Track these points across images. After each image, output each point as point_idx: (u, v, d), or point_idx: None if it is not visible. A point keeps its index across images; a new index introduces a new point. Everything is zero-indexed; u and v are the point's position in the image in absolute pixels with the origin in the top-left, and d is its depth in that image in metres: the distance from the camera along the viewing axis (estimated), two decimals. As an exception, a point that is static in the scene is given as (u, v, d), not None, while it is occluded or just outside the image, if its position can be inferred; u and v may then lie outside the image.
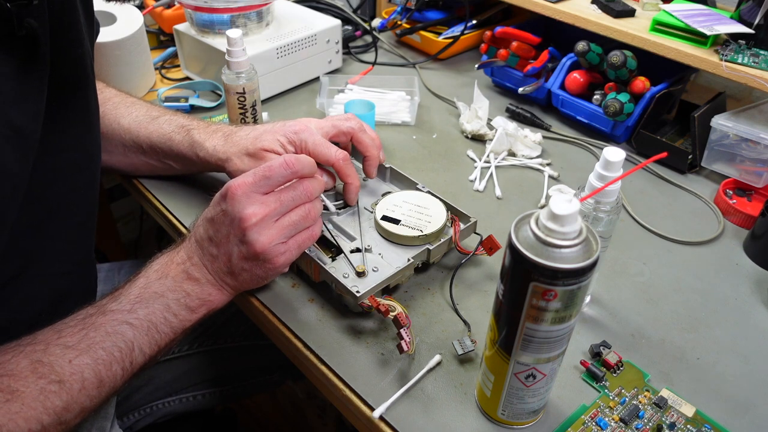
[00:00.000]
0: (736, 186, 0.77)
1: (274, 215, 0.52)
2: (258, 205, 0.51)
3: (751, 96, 0.92)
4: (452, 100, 0.94)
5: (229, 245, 0.52)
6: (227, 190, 0.52)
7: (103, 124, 0.67)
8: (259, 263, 0.53)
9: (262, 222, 0.51)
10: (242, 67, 0.73)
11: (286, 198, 0.53)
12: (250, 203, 0.51)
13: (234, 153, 0.63)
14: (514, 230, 0.39)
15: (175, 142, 0.66)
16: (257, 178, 0.52)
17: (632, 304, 0.61)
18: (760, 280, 0.65)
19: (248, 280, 0.54)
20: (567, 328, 0.41)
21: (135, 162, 0.71)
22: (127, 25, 0.88)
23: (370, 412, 0.50)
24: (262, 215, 0.51)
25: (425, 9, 1.11)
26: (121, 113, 0.69)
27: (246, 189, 0.51)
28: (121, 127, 0.68)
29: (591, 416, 0.49)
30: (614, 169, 0.49)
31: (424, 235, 0.60)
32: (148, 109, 0.70)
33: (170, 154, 0.67)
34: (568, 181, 0.78)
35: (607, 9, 0.86)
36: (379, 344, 0.55)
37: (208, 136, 0.65)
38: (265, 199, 0.52)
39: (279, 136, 0.62)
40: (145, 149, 0.68)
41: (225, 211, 0.52)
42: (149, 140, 0.67)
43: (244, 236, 0.51)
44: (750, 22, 0.76)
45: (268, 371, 0.91)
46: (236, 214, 0.51)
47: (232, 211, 0.51)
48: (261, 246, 0.51)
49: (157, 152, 0.68)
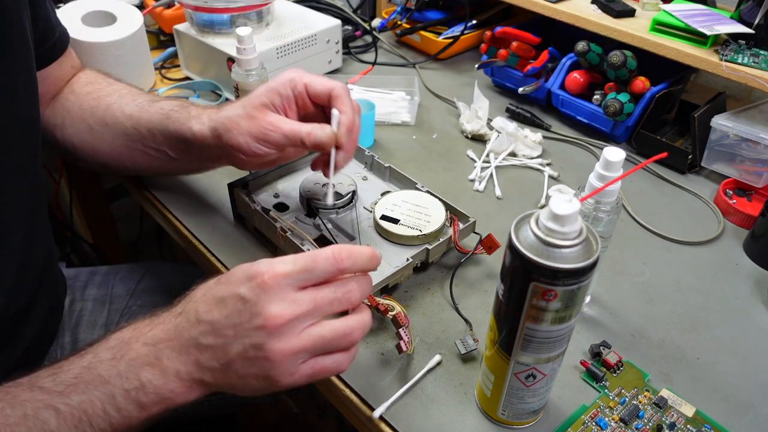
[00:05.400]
0: (736, 186, 0.77)
1: (303, 320, 0.41)
2: (288, 303, 0.40)
3: (751, 96, 0.93)
4: (452, 100, 0.94)
5: (234, 339, 0.41)
6: (257, 273, 0.41)
7: (109, 114, 0.66)
8: (261, 374, 0.42)
9: (287, 326, 0.40)
10: (252, 65, 0.73)
11: (323, 301, 0.42)
12: (279, 299, 0.41)
13: (229, 117, 0.56)
14: (514, 230, 0.39)
15: (172, 119, 0.61)
16: (297, 269, 0.41)
17: (632, 304, 0.61)
18: (760, 280, 0.65)
19: (236, 386, 0.43)
20: (567, 328, 0.41)
21: (134, 154, 0.66)
22: (127, 25, 0.88)
23: (370, 411, 0.50)
24: (290, 318, 0.40)
25: (425, 9, 1.11)
26: (126, 102, 0.66)
27: (281, 281, 0.41)
28: (124, 115, 0.65)
29: (591, 416, 0.49)
30: (614, 169, 0.49)
31: (423, 235, 0.60)
32: (153, 96, 0.67)
33: (166, 136, 0.62)
34: (568, 181, 0.78)
35: (607, 9, 0.86)
36: (379, 344, 0.55)
37: (204, 110, 0.61)
38: (298, 298, 0.41)
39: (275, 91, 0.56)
40: (144, 134, 0.64)
41: (244, 299, 0.41)
42: (149, 124, 0.64)
43: (259, 338, 0.40)
44: (750, 22, 0.76)
45: None
46: (259, 309, 0.40)
47: (256, 303, 0.40)
48: (275, 355, 0.40)
49: (154, 136, 0.64)
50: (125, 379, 0.42)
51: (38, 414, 0.40)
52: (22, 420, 0.39)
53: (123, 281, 0.84)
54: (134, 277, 0.85)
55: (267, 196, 0.68)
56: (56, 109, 0.68)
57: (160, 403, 0.42)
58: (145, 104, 0.65)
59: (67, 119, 0.67)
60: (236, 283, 0.42)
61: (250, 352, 0.41)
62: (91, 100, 0.67)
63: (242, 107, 0.56)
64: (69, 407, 0.40)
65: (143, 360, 0.42)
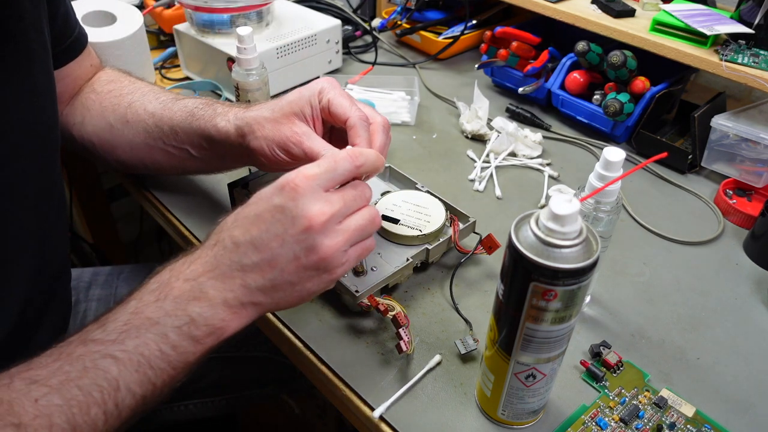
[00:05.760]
0: (736, 186, 0.77)
1: (338, 216, 0.44)
2: (323, 202, 0.43)
3: (751, 96, 0.93)
4: (452, 100, 0.94)
5: (281, 249, 0.43)
6: (286, 181, 0.43)
7: (131, 112, 0.65)
8: (317, 274, 0.44)
9: (329, 223, 0.43)
10: (253, 64, 0.73)
11: (349, 198, 0.45)
12: (315, 199, 0.43)
13: (255, 118, 0.55)
14: (514, 230, 0.39)
15: (196, 117, 0.60)
16: (322, 170, 0.44)
17: (632, 304, 0.61)
18: (760, 280, 0.65)
19: (287, 298, 0.45)
20: (567, 328, 0.41)
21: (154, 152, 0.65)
22: (127, 25, 0.88)
23: (370, 411, 0.50)
24: (330, 214, 0.43)
25: (425, 9, 1.11)
26: (148, 99, 0.66)
27: (311, 182, 0.43)
28: (146, 113, 0.64)
29: (591, 416, 0.49)
30: (614, 169, 0.49)
31: (423, 235, 0.60)
32: (176, 95, 0.66)
33: (189, 134, 0.61)
34: (568, 181, 0.78)
35: (607, 9, 0.86)
36: (379, 344, 0.55)
37: (231, 107, 0.60)
38: (330, 197, 0.44)
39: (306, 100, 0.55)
40: (166, 132, 0.63)
41: (282, 207, 0.43)
42: (171, 121, 0.62)
43: (309, 238, 0.43)
44: (750, 22, 0.76)
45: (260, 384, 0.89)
46: (299, 211, 0.42)
47: (294, 208, 0.42)
48: (327, 251, 0.43)
49: (177, 134, 0.63)
50: (174, 316, 0.42)
51: (97, 364, 0.40)
52: (83, 373, 0.39)
53: (127, 282, 0.84)
54: (138, 278, 0.85)
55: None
56: (75, 107, 0.67)
57: (213, 334, 0.43)
58: (168, 102, 0.64)
59: (87, 117, 0.67)
60: (268, 198, 0.44)
61: (302, 256, 0.43)
62: (112, 98, 0.67)
63: (270, 111, 0.55)
64: (126, 353, 0.41)
65: (188, 295, 0.43)
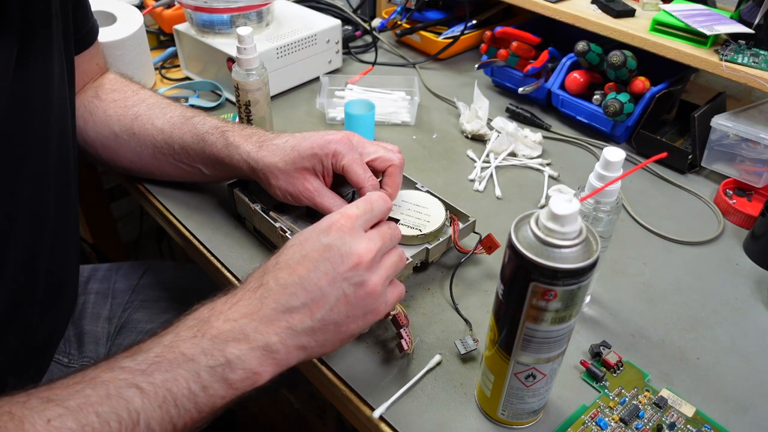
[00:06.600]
0: (736, 186, 0.77)
1: (381, 253, 0.46)
2: (367, 240, 0.45)
3: (751, 96, 0.93)
4: (452, 100, 0.94)
5: (330, 287, 0.43)
6: (332, 221, 0.45)
7: (137, 125, 0.66)
8: (361, 314, 0.45)
9: (375, 259, 0.45)
10: (253, 64, 0.73)
11: (387, 236, 0.47)
12: (359, 238, 0.45)
13: (268, 166, 0.58)
14: (514, 230, 0.39)
15: (208, 143, 0.62)
16: (362, 211, 0.46)
17: (632, 304, 0.61)
18: (760, 280, 0.65)
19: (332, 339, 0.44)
20: (567, 328, 0.41)
21: (163, 165, 0.67)
22: (127, 25, 0.88)
23: (370, 412, 0.50)
24: (375, 252, 0.45)
25: (425, 9, 1.11)
26: (155, 114, 0.66)
27: (355, 222, 0.45)
28: (154, 128, 0.65)
29: (591, 416, 0.49)
30: (614, 169, 0.49)
31: (423, 235, 0.60)
32: (183, 110, 0.67)
33: (201, 156, 0.63)
34: (568, 181, 0.78)
35: (607, 9, 0.86)
36: (379, 344, 0.55)
37: (243, 140, 0.61)
38: (371, 235, 0.46)
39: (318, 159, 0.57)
40: (176, 150, 0.65)
41: (329, 246, 0.44)
42: (182, 141, 0.64)
43: (357, 275, 0.44)
44: (750, 22, 0.76)
45: None
46: (348, 249, 0.44)
47: (342, 246, 0.44)
48: (374, 287, 0.44)
49: (188, 154, 0.64)
50: (210, 356, 0.40)
51: (121, 393, 0.38)
52: (104, 399, 0.37)
53: (125, 277, 0.85)
54: (135, 273, 0.86)
55: (267, 196, 0.68)
56: (77, 108, 0.67)
57: (248, 380, 0.41)
58: (176, 120, 0.65)
59: (90, 122, 0.67)
60: (314, 239, 0.45)
61: (351, 293, 0.44)
62: (117, 107, 0.67)
63: (283, 162, 0.57)
64: (152, 386, 0.39)
65: (227, 336, 0.41)
